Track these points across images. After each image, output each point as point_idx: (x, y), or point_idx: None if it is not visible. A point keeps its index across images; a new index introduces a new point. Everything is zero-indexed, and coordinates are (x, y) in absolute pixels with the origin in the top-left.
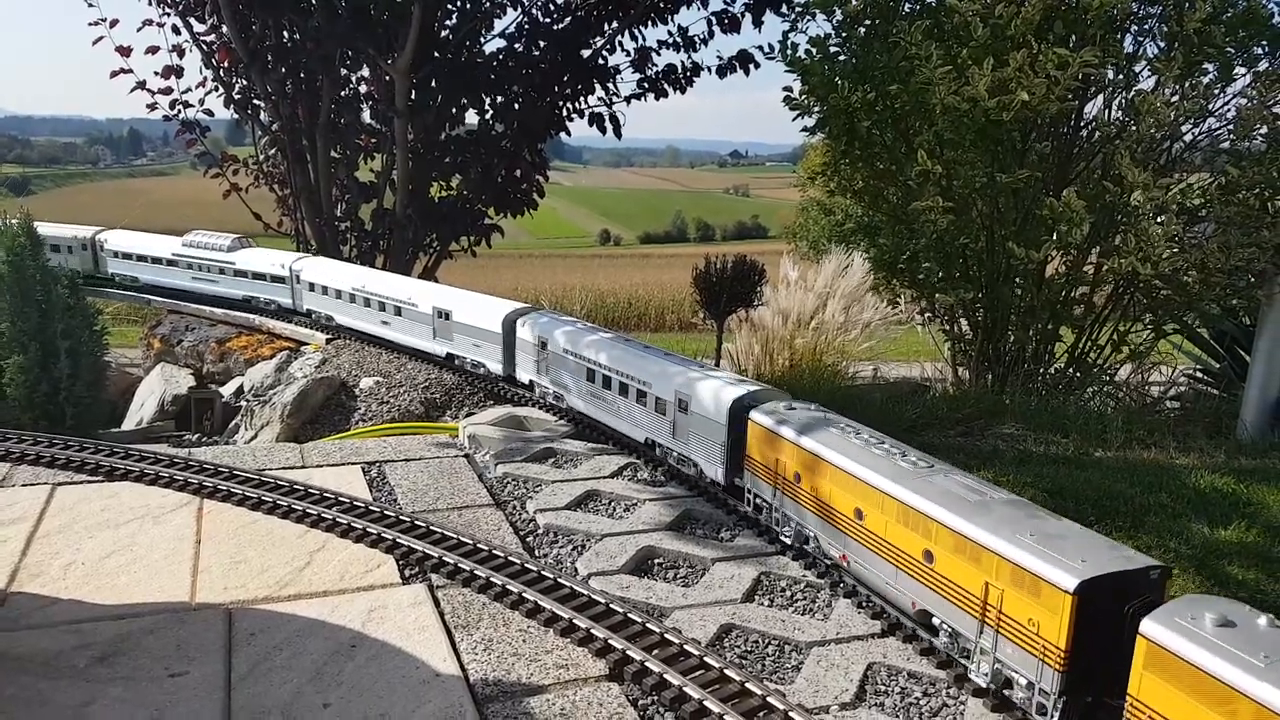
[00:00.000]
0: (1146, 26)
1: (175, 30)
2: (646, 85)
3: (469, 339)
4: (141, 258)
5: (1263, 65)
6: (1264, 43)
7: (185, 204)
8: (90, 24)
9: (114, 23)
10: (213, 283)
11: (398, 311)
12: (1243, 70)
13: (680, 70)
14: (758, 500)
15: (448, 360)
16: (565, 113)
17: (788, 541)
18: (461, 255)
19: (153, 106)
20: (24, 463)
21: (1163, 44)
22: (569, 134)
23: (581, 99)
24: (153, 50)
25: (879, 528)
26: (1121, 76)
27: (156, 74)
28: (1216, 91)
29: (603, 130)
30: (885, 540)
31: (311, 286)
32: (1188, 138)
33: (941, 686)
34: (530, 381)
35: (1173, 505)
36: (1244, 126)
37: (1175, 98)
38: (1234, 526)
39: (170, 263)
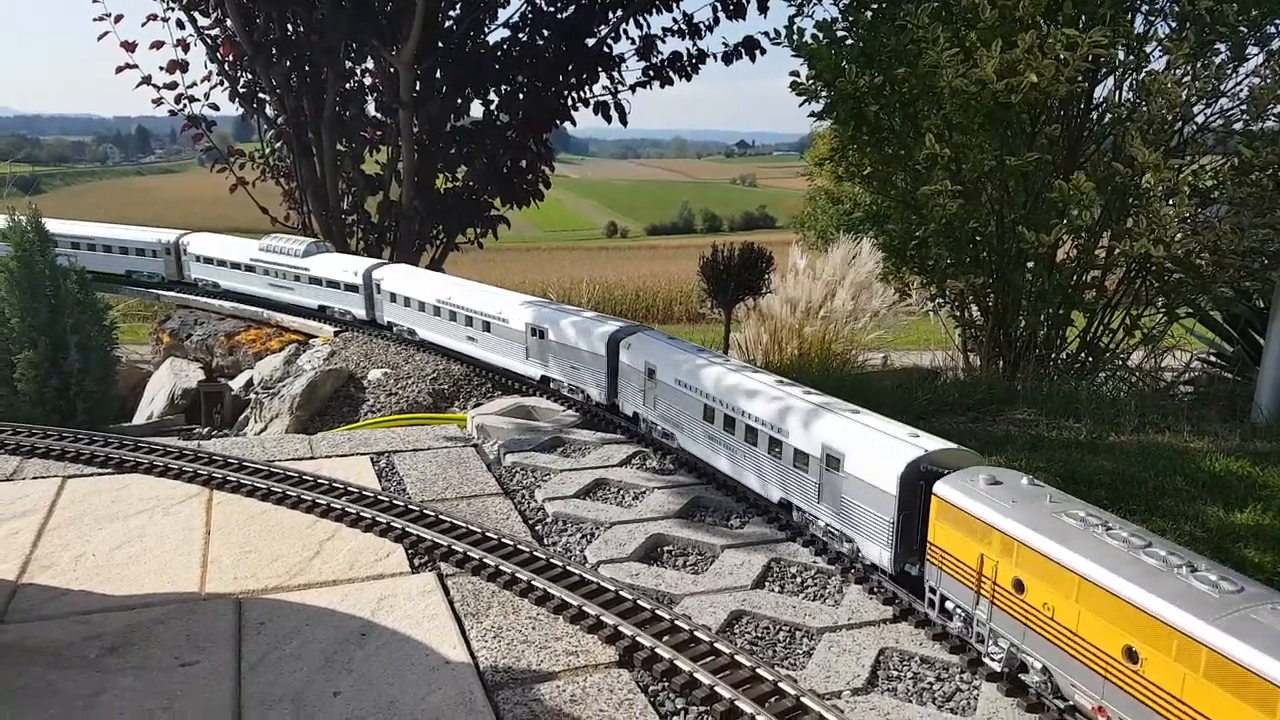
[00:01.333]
0: (1157, 6)
1: (179, 24)
2: (652, 73)
3: (567, 361)
4: (221, 262)
5: (1276, 44)
6: (1277, 21)
7: (194, 201)
8: (95, 19)
9: (118, 18)
10: (289, 290)
11: (486, 327)
12: (1255, 49)
13: (685, 58)
14: (947, 603)
15: (542, 383)
16: (570, 102)
17: (996, 666)
18: (469, 247)
19: (158, 101)
20: (34, 456)
21: (1174, 23)
22: (574, 123)
23: (586, 88)
24: (157, 45)
25: (1170, 683)
26: (1132, 57)
27: (161, 69)
28: (1229, 71)
29: (608, 118)
30: (1184, 704)
31: (393, 297)
32: (1199, 119)
33: (955, 671)
34: (635, 414)
35: (1187, 489)
36: (1257, 106)
37: (1187, 78)
38: (1249, 509)
39: (248, 268)
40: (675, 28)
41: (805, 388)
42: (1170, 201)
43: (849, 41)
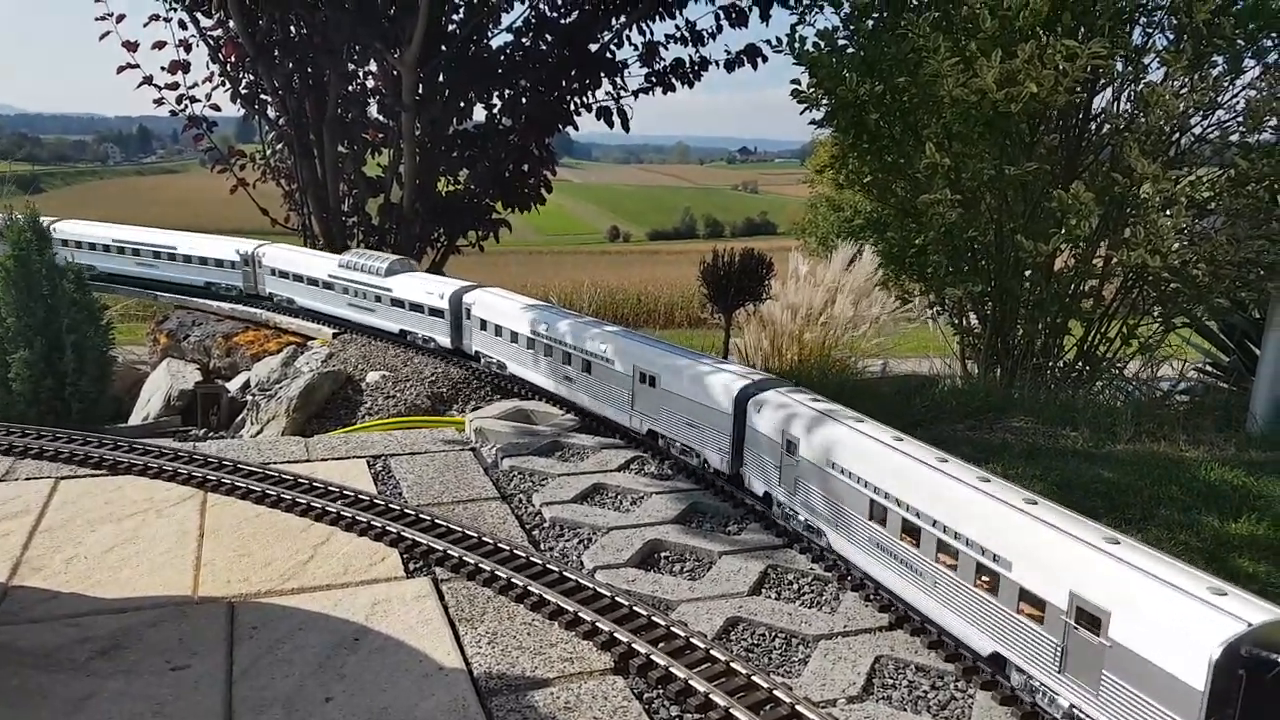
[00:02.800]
0: (1155, 18)
1: (182, 25)
2: (654, 79)
3: (681, 417)
4: (298, 278)
5: (1272, 57)
6: (1273, 34)
7: (195, 201)
8: (97, 19)
9: (120, 18)
10: (369, 311)
11: (586, 368)
12: (1252, 62)
13: (688, 64)
14: None
15: (649, 438)
16: (573, 107)
17: None
18: (469, 251)
19: (159, 102)
20: (27, 456)
21: (1171, 36)
22: (576, 128)
23: (589, 93)
24: (159, 45)
25: None
26: (1130, 68)
27: (163, 69)
28: (1226, 84)
29: (610, 124)
30: None
31: (483, 325)
32: (1197, 130)
33: (950, 680)
34: (766, 494)
35: (1183, 498)
36: (1254, 119)
37: (1184, 90)
38: (1245, 519)
39: (326, 285)
40: (678, 35)
41: (1027, 494)
42: (1168, 212)
43: (850, 50)
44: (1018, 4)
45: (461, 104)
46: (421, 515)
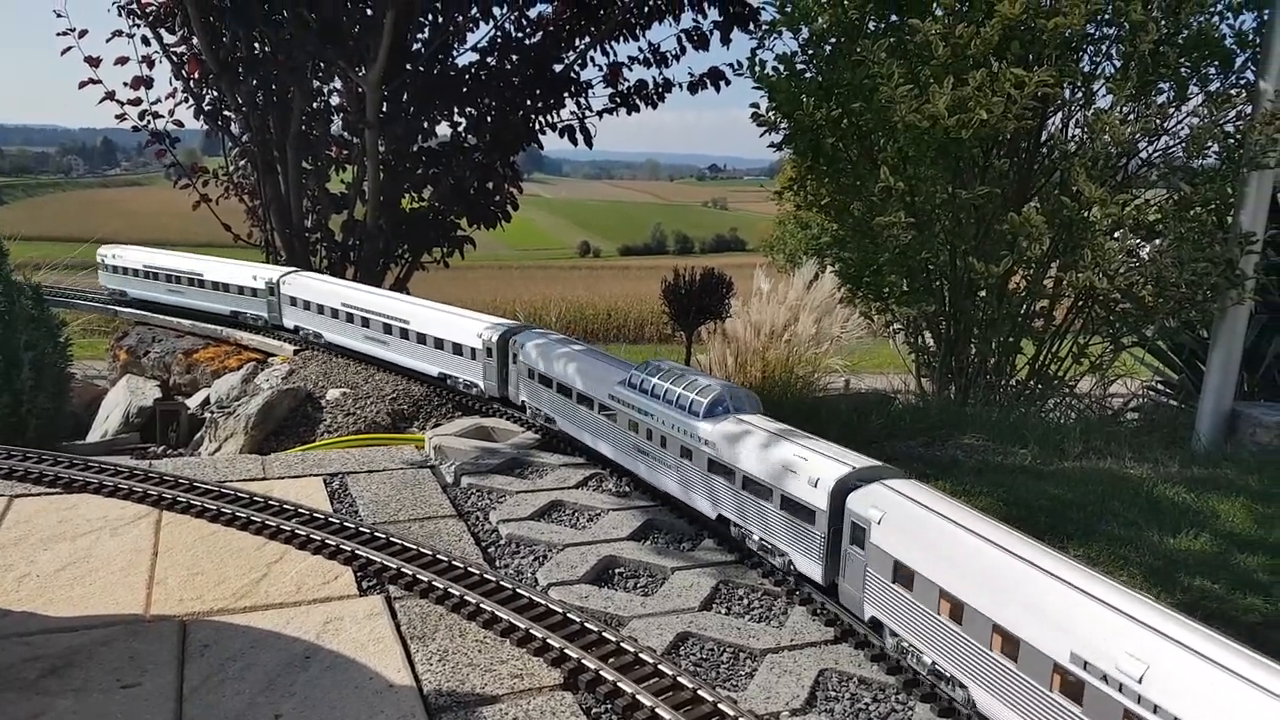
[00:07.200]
0: (1103, 47)
1: (145, 41)
2: (618, 100)
3: None
4: (564, 390)
5: (1214, 86)
6: (1215, 63)
7: (158, 214)
8: (59, 34)
9: (83, 33)
10: (664, 467)
11: (1074, 696)
12: (1196, 89)
13: (652, 86)
14: None
15: None
16: (537, 126)
17: None
18: (435, 267)
19: (122, 117)
20: None
21: (1119, 63)
22: (541, 146)
23: (554, 112)
24: (122, 61)
25: None
26: (1079, 95)
27: (126, 84)
28: (1171, 110)
29: (574, 141)
30: None
31: (898, 575)
32: (1143, 155)
33: (891, 692)
34: None
35: (1125, 514)
36: (1197, 144)
37: (1131, 116)
38: (1183, 534)
39: (604, 409)
40: (641, 57)
41: None
42: (1115, 235)
43: (808, 75)
44: (969, 33)
45: (426, 121)
46: (376, 533)
